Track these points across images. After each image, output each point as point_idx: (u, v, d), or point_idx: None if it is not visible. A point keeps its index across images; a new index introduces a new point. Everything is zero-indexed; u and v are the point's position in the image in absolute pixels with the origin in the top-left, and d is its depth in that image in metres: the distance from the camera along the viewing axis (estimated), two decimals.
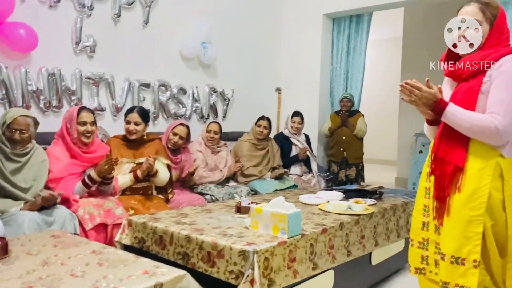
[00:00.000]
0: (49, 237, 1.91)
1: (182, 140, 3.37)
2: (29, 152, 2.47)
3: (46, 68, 3.22)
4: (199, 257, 1.93)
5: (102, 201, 2.58)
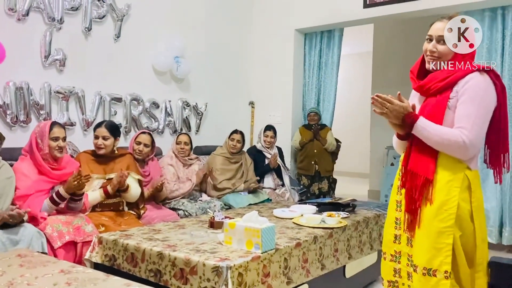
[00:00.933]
0: (15, 257, 1.83)
1: (147, 147, 3.34)
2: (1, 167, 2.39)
3: (14, 82, 3.14)
4: (172, 274, 1.89)
5: (72, 218, 2.50)
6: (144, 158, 3.37)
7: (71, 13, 3.51)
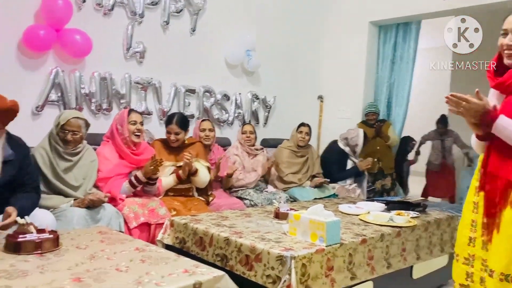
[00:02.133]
0: (97, 233, 2.00)
1: (212, 131, 3.52)
2: (80, 152, 2.60)
3: (99, 73, 3.39)
4: (237, 260, 1.96)
5: (147, 201, 2.68)
6: (212, 143, 3.52)
7: (151, 8, 3.70)
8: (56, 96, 3.18)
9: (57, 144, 2.50)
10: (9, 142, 2.08)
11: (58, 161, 2.49)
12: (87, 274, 1.44)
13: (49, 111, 3.11)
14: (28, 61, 3.05)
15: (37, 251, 1.65)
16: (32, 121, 3.07)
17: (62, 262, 1.56)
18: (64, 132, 2.50)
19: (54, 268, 1.50)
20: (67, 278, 1.40)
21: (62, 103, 3.20)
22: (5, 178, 2.03)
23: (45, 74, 3.13)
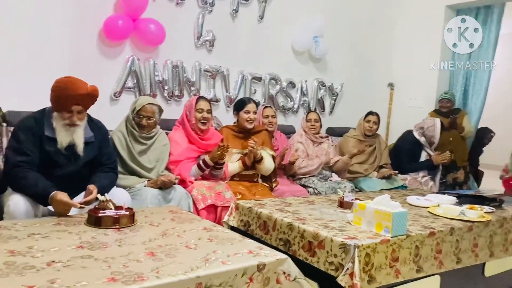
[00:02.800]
0: (168, 212, 2.12)
1: (274, 118, 3.54)
2: (154, 136, 2.76)
3: (171, 61, 3.54)
4: (300, 245, 1.98)
5: (214, 184, 2.78)
6: (274, 129, 3.57)
7: None
8: (132, 83, 3.37)
9: (133, 128, 2.66)
10: (90, 124, 2.26)
11: (134, 144, 2.65)
12: (160, 249, 1.55)
13: (126, 97, 3.32)
14: (107, 50, 3.26)
15: (115, 226, 1.79)
16: (110, 106, 3.29)
17: (137, 237, 1.68)
18: (140, 117, 2.66)
19: (130, 242, 1.62)
20: (142, 252, 1.51)
21: (137, 89, 3.40)
22: (86, 158, 2.21)
23: (123, 62, 3.33)
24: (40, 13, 2.95)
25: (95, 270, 1.32)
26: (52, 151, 2.10)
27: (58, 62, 2.97)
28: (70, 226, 1.78)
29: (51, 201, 1.93)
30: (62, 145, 2.10)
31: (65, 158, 2.14)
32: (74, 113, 2.09)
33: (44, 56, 2.97)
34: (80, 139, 2.15)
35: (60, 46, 3.04)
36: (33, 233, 1.64)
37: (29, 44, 2.92)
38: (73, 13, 3.08)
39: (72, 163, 2.17)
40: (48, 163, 2.10)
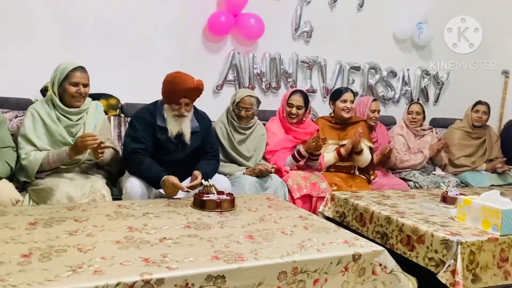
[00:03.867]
0: (265, 199, 2.21)
1: (379, 112, 3.45)
2: (252, 127, 2.87)
3: (269, 53, 3.63)
4: (398, 239, 1.93)
5: (309, 175, 2.82)
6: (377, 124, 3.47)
7: None
8: (232, 76, 3.53)
9: (233, 119, 2.80)
10: (196, 115, 2.44)
11: (234, 134, 2.79)
12: (257, 233, 1.63)
13: (227, 90, 3.49)
14: (210, 45, 3.46)
15: (218, 209, 1.92)
16: (213, 98, 3.49)
17: (237, 221, 1.79)
18: (239, 108, 2.78)
19: (231, 225, 1.73)
20: (241, 235, 1.61)
21: (237, 82, 3.55)
22: (192, 146, 2.39)
23: (224, 56, 3.50)
24: (151, 14, 3.22)
25: (200, 248, 1.44)
26: (163, 139, 2.31)
27: (167, 59, 3.22)
28: (179, 207, 1.95)
29: (163, 185, 2.13)
30: (172, 133, 2.30)
31: (174, 146, 2.34)
32: (182, 105, 2.28)
33: (155, 54, 3.24)
34: (187, 128, 2.33)
35: (169, 43, 3.30)
36: (147, 212, 1.83)
37: (142, 43, 3.21)
38: (179, 12, 3.31)
39: (180, 150, 2.37)
40: (160, 150, 2.31)
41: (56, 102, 2.26)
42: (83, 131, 2.29)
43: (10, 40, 2.81)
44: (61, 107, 2.27)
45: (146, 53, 3.22)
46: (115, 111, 2.95)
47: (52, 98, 2.27)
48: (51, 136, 2.24)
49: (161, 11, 3.25)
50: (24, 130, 2.20)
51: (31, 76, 2.77)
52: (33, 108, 2.27)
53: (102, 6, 3.06)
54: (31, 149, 2.17)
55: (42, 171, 2.18)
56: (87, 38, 3.03)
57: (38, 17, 2.90)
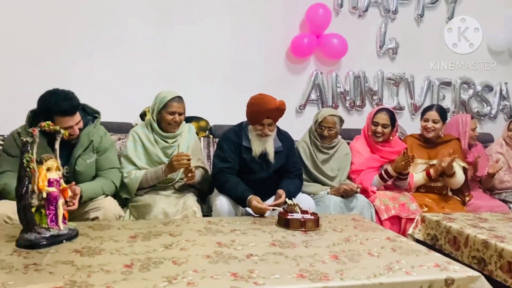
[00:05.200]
0: (350, 220, 2.18)
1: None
2: (335, 146, 2.86)
3: (353, 72, 3.62)
4: (498, 265, 1.79)
5: (397, 195, 2.72)
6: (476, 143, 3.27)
7: (405, 3, 3.69)
8: (315, 96, 3.56)
9: (315, 138, 2.82)
10: (279, 135, 2.51)
11: (317, 153, 2.80)
12: (343, 254, 1.62)
13: (310, 109, 3.52)
14: (293, 67, 3.54)
15: (302, 228, 1.93)
16: (295, 118, 3.55)
17: (321, 240, 1.79)
18: (322, 128, 2.79)
19: (315, 244, 1.73)
20: (326, 254, 1.60)
21: (320, 101, 3.57)
22: (275, 165, 2.46)
23: (307, 76, 3.55)
24: (237, 40, 3.39)
25: (286, 266, 1.46)
26: (248, 159, 2.41)
27: (253, 81, 3.35)
28: (264, 225, 2.00)
29: (248, 204, 2.20)
30: (256, 153, 2.38)
31: (258, 165, 2.42)
32: (265, 125, 2.36)
33: (241, 77, 3.39)
34: (271, 148, 2.40)
35: (254, 67, 3.44)
36: (234, 229, 1.91)
37: (229, 68, 3.39)
38: (264, 36, 3.44)
39: (264, 169, 2.44)
40: (245, 169, 2.41)
41: (154, 127, 2.46)
42: (177, 152, 2.46)
43: (113, 70, 3.13)
44: (159, 132, 2.46)
45: (233, 77, 3.38)
46: (204, 133, 3.13)
47: (151, 123, 2.48)
48: (149, 157, 2.44)
49: (247, 37, 3.41)
50: (126, 151, 2.42)
51: (131, 102, 3.06)
52: (134, 131, 2.50)
53: (194, 34, 3.29)
54: (132, 169, 2.39)
55: (141, 188, 2.38)
56: (182, 66, 3.27)
57: (138, 48, 3.19)
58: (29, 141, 1.55)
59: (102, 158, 2.24)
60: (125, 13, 3.14)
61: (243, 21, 3.38)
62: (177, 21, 3.26)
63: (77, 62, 3.05)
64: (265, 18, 3.42)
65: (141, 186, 2.37)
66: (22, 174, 1.55)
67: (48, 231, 1.59)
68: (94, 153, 2.21)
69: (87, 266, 1.39)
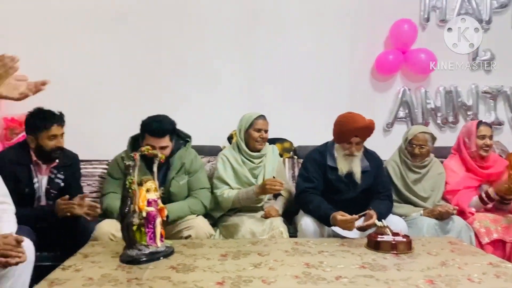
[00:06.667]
0: (446, 243, 2.05)
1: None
2: (427, 165, 2.71)
3: (444, 87, 3.44)
4: None
5: (500, 218, 2.50)
6: None
7: (499, 11, 3.45)
8: (403, 113, 3.44)
9: (406, 157, 2.70)
10: (366, 155, 2.46)
11: (407, 173, 2.69)
12: (439, 279, 1.52)
13: (398, 127, 3.40)
14: (379, 84, 3.46)
15: (393, 251, 1.86)
16: (383, 137, 3.44)
17: (415, 264, 1.71)
18: (412, 146, 2.67)
19: (408, 268, 1.65)
20: (421, 279, 1.52)
21: (409, 119, 3.44)
22: (363, 185, 2.40)
23: (394, 93, 3.45)
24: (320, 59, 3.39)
25: None
26: (334, 179, 2.38)
27: (337, 101, 3.33)
28: (352, 247, 1.95)
29: (333, 222, 2.17)
30: (342, 172, 2.36)
31: (345, 185, 2.39)
32: (353, 144, 2.33)
33: (325, 97, 3.38)
34: (357, 167, 2.36)
35: (338, 85, 3.42)
36: (322, 250, 1.89)
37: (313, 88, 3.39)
38: (347, 54, 3.42)
39: (351, 189, 2.40)
40: (331, 190, 2.38)
41: (242, 146, 2.56)
42: (263, 173, 2.54)
43: (203, 97, 3.31)
44: (246, 151, 2.55)
45: (317, 97, 3.38)
46: (289, 154, 3.17)
47: (239, 143, 2.58)
48: (238, 178, 2.53)
49: (331, 55, 3.40)
50: (218, 173, 2.54)
51: (220, 126, 3.19)
52: (222, 154, 2.61)
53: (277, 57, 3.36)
54: (225, 188, 2.50)
55: (231, 209, 2.48)
56: (266, 88, 3.35)
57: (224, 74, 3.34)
58: (131, 164, 1.70)
59: (193, 179, 2.38)
60: (212, 41, 3.31)
61: (327, 39, 3.39)
62: (261, 45, 3.35)
63: (172, 90, 3.26)
64: (349, 36, 3.41)
65: (233, 206, 2.46)
66: (125, 195, 1.70)
67: (147, 248, 1.71)
68: (186, 174, 2.36)
69: (183, 282, 1.47)
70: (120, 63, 3.21)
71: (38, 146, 2.18)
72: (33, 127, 2.19)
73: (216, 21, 3.30)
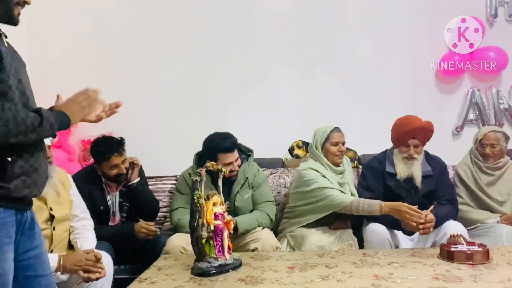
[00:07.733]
0: None
1: None
2: (502, 167, 2.56)
3: None
4: None
5: None
6: None
7: None
8: (474, 115, 3.26)
9: (477, 159, 2.58)
10: (428, 160, 2.41)
11: (479, 175, 2.56)
12: None
13: (468, 130, 3.23)
14: (445, 86, 3.31)
15: (469, 262, 1.76)
16: (452, 141, 3.28)
17: (494, 275, 1.60)
18: (483, 146, 2.55)
19: (486, 279, 1.56)
20: None
21: (480, 121, 3.25)
22: (424, 190, 2.35)
23: (462, 95, 3.28)
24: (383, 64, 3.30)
25: None
26: (394, 185, 2.35)
27: (401, 106, 3.17)
28: (424, 258, 1.88)
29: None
30: (401, 176, 2.31)
31: (405, 191, 2.35)
32: (411, 146, 2.31)
33: (389, 102, 3.25)
34: (417, 172, 2.32)
35: (401, 90, 3.29)
36: (392, 261, 1.84)
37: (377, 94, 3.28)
38: (411, 58, 3.29)
39: (412, 195, 2.34)
40: (392, 196, 2.30)
41: (325, 161, 2.43)
42: (348, 188, 2.45)
43: (262, 110, 3.33)
44: (331, 166, 2.43)
45: (380, 104, 3.28)
46: (353, 163, 3.11)
47: (319, 158, 2.45)
48: None
49: (391, 61, 3.30)
50: (321, 183, 2.33)
51: (280, 138, 3.21)
52: (309, 169, 2.41)
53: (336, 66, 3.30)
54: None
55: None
56: (326, 98, 3.29)
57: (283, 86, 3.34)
58: (198, 180, 1.78)
59: (257, 193, 2.41)
60: (270, 56, 3.33)
61: (388, 46, 3.29)
62: (321, 56, 3.31)
63: (231, 105, 3.33)
64: (410, 39, 3.28)
65: (349, 211, 2.24)
66: (194, 209, 1.77)
67: (216, 261, 1.76)
68: (249, 188, 2.40)
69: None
70: (185, 84, 3.31)
71: (103, 173, 2.35)
72: (95, 157, 2.37)
73: (275, 35, 3.30)
